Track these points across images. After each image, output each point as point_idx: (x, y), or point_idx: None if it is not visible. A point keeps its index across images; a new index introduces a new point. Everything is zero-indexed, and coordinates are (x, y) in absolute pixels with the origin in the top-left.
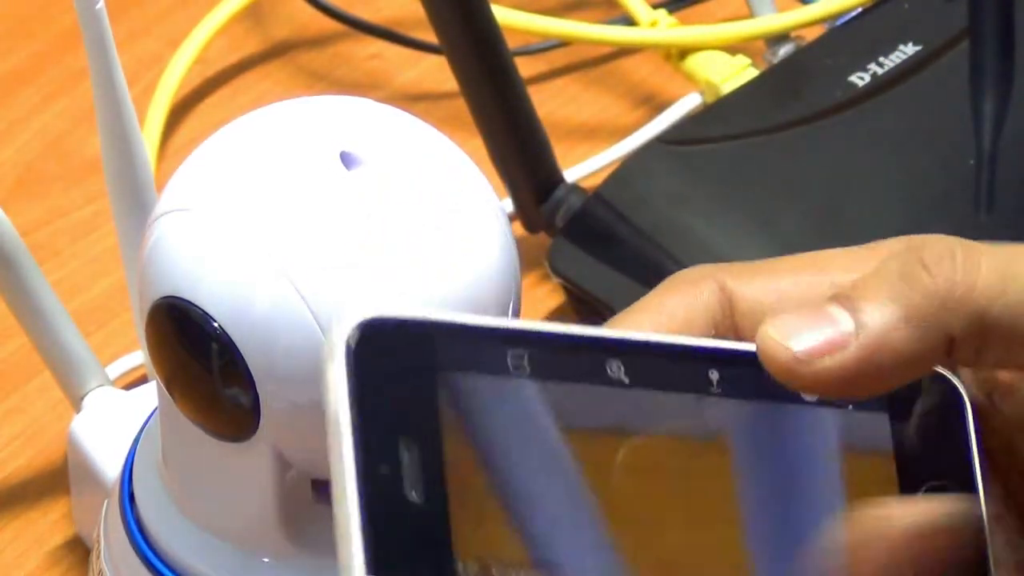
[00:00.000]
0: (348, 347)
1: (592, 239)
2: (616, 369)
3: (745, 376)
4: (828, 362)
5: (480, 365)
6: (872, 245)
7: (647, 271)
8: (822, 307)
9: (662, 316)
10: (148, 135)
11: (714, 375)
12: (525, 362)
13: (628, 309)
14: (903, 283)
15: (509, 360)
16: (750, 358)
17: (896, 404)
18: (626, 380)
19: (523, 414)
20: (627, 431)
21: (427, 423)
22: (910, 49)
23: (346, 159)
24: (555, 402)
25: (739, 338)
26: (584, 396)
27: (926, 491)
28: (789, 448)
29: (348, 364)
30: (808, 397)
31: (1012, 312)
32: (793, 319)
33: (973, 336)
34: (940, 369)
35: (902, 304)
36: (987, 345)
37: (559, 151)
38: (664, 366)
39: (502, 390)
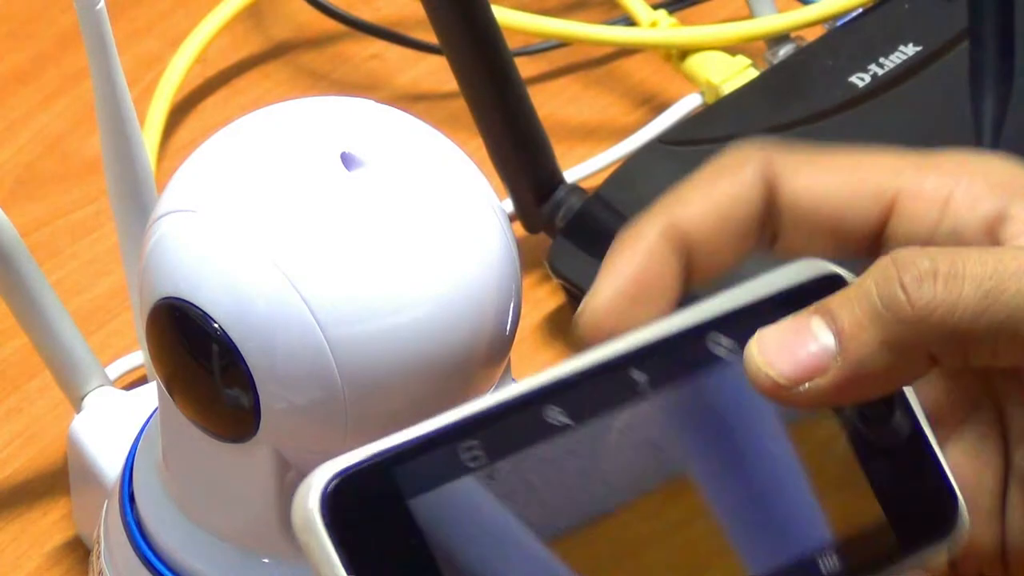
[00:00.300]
0: (323, 517)
1: (592, 240)
2: (556, 415)
3: (668, 363)
4: (810, 386)
5: (445, 475)
6: (926, 156)
7: None
8: (807, 323)
9: (708, 201)
10: (148, 135)
11: (639, 376)
12: (479, 450)
13: (676, 192)
14: (883, 306)
15: (463, 456)
16: (667, 342)
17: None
18: (571, 422)
19: (500, 510)
20: (595, 491)
21: (419, 560)
22: (910, 49)
23: (346, 160)
24: (524, 484)
25: (777, 230)
26: (543, 460)
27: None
28: (734, 416)
29: (329, 533)
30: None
31: (996, 328)
32: (777, 337)
33: (955, 351)
34: (828, 267)
35: (881, 329)
36: (971, 356)
37: (559, 151)
38: (594, 389)
39: (475, 492)
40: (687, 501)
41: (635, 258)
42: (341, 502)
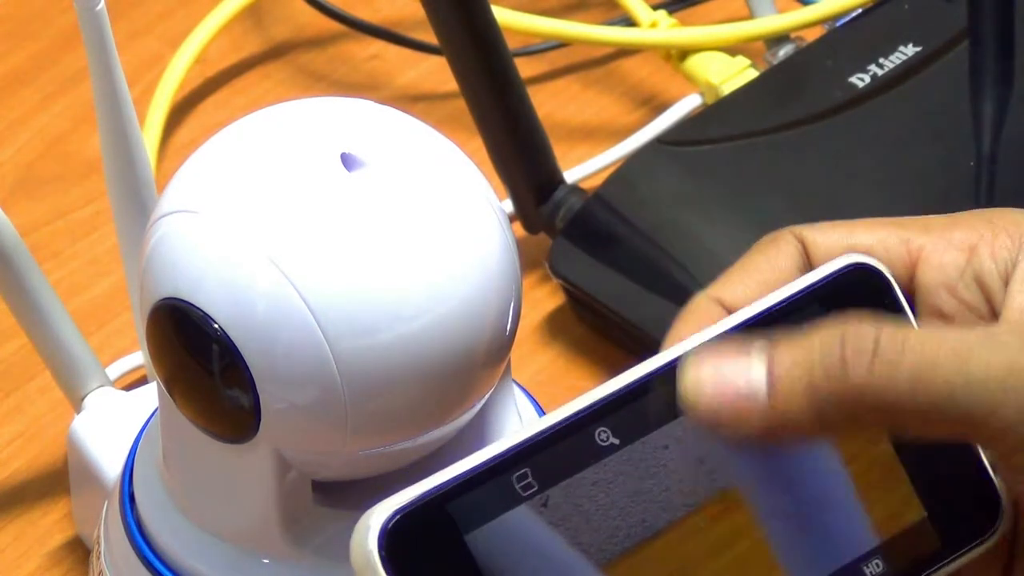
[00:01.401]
0: (382, 559)
1: (592, 240)
2: (604, 437)
3: None
4: (732, 427)
5: (499, 507)
6: (954, 215)
7: (647, 272)
8: (748, 347)
9: (745, 274)
10: (148, 135)
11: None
12: (531, 478)
13: (720, 278)
14: (820, 370)
15: (516, 486)
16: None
17: (833, 311)
18: (619, 442)
19: (555, 538)
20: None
21: None
22: (910, 50)
23: (347, 160)
24: (576, 509)
25: None
26: (594, 484)
27: None
28: None
29: (389, 572)
30: None
31: (924, 410)
32: (712, 356)
33: (881, 423)
34: (862, 258)
35: (811, 392)
36: (898, 429)
37: (559, 151)
38: (639, 407)
39: (530, 521)
40: (735, 514)
41: (691, 321)
42: (399, 541)
